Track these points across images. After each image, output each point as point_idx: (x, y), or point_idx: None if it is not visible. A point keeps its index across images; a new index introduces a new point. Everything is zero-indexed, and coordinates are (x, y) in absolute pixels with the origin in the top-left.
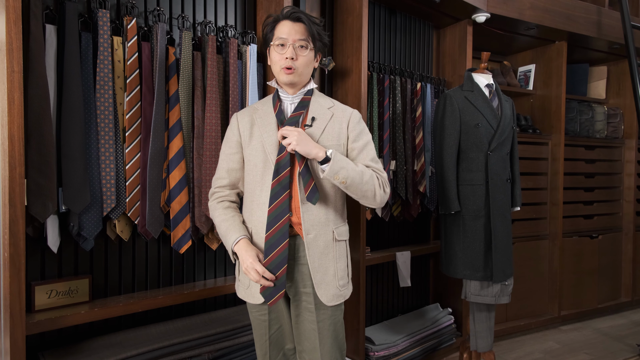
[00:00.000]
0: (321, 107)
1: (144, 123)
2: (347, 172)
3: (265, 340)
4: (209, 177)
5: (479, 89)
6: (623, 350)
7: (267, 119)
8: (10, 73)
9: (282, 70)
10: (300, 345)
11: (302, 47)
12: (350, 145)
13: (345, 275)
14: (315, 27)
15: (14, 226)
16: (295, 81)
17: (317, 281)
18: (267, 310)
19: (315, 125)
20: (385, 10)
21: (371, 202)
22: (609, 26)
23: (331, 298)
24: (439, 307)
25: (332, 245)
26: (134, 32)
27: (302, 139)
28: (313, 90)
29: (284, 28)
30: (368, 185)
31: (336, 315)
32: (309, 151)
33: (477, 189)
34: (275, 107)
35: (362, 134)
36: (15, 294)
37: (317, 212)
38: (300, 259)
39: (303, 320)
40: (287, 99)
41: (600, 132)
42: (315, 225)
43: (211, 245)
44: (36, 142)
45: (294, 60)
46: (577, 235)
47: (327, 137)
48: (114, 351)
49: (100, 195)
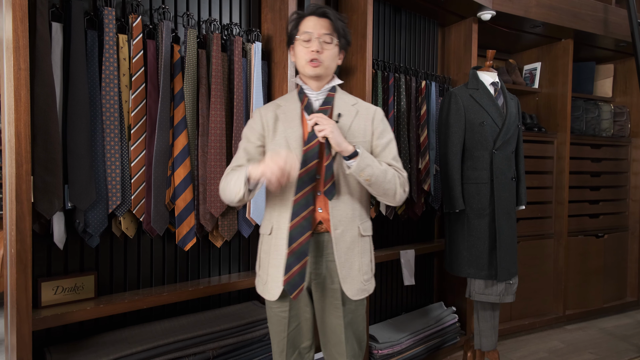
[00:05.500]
0: (345, 104)
1: (149, 120)
2: (373, 170)
3: (283, 338)
4: (214, 174)
5: (484, 87)
6: (628, 350)
7: (292, 114)
8: (17, 71)
9: (308, 63)
10: (325, 337)
11: (327, 42)
12: (375, 142)
13: (369, 270)
14: (340, 23)
15: (21, 223)
16: (320, 73)
17: (343, 276)
18: (287, 307)
19: (342, 121)
20: (390, 8)
21: (390, 201)
22: (616, 24)
23: (356, 292)
24: (443, 306)
25: (357, 241)
26: (139, 30)
27: (335, 127)
28: (336, 87)
29: (310, 22)
30: (390, 184)
31: (360, 310)
32: (340, 142)
33: (481, 187)
34: (303, 102)
35: (385, 131)
36: (21, 290)
37: (345, 207)
38: (328, 255)
39: (329, 315)
40: (312, 95)
41: (606, 130)
42: (342, 220)
43: (216, 242)
44: (42, 139)
45: (320, 53)
46: (583, 235)
47: (354, 133)
48: (119, 347)
49: (105, 193)
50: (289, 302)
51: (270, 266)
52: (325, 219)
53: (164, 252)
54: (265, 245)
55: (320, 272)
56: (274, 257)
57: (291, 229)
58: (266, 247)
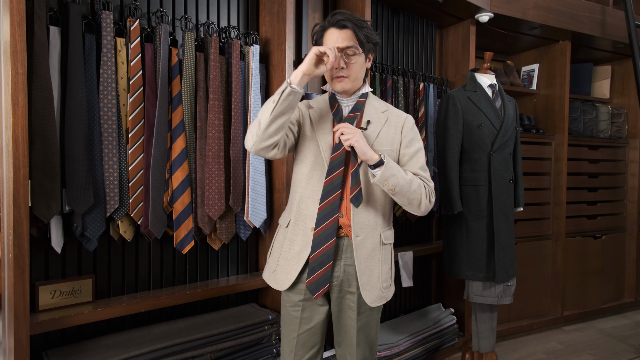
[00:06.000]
0: (376, 111)
1: (147, 124)
2: (397, 180)
3: (293, 338)
4: (212, 177)
5: (481, 89)
6: (626, 351)
7: (323, 117)
8: (15, 75)
9: (334, 79)
10: (340, 337)
11: (351, 54)
12: (402, 151)
13: (389, 278)
14: (363, 30)
15: (18, 227)
16: (347, 89)
17: (362, 282)
18: (300, 308)
19: (370, 128)
20: (388, 10)
21: (415, 210)
22: (613, 25)
23: (374, 299)
24: (441, 307)
25: (378, 249)
26: (137, 33)
27: (361, 136)
28: (368, 93)
29: (332, 36)
30: (415, 195)
31: (375, 315)
32: (366, 151)
33: (479, 189)
34: (333, 108)
35: (414, 140)
36: (19, 294)
37: (367, 215)
38: (347, 259)
39: (345, 317)
40: (343, 102)
41: (604, 131)
42: (364, 227)
43: (214, 245)
44: (40, 143)
45: (345, 69)
46: (581, 236)
47: (382, 141)
48: (117, 351)
49: (103, 196)
50: (302, 303)
51: (282, 258)
52: (346, 224)
53: (162, 255)
54: (280, 236)
55: (339, 275)
56: (287, 249)
57: (315, 236)
58: (281, 237)
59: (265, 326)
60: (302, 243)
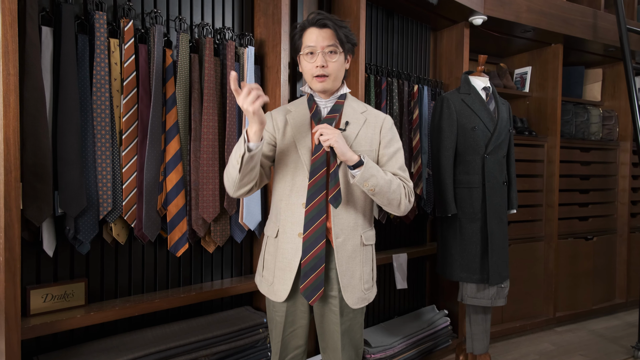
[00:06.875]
0: (354, 112)
1: (141, 126)
2: (377, 180)
3: (278, 341)
4: (206, 179)
5: (475, 92)
6: (618, 352)
7: (301, 120)
8: (6, 76)
9: (315, 78)
10: (324, 342)
11: (331, 52)
12: (382, 152)
13: (370, 279)
14: (343, 30)
15: (10, 230)
16: (328, 88)
17: (343, 284)
18: (284, 313)
19: (349, 129)
20: (382, 12)
21: (395, 210)
22: (605, 29)
23: (356, 301)
24: (435, 309)
25: (359, 250)
26: (130, 34)
27: (340, 137)
28: (346, 94)
29: (312, 35)
30: (395, 195)
31: (358, 318)
32: (345, 152)
33: (473, 191)
34: (312, 109)
35: (393, 140)
36: (10, 298)
37: (347, 216)
38: (329, 263)
39: (328, 321)
40: (321, 103)
41: (595, 134)
42: (344, 229)
43: (208, 248)
44: (32, 145)
45: (325, 67)
46: (573, 237)
47: (360, 141)
48: (109, 355)
49: (96, 199)
50: (286, 308)
51: (277, 269)
52: (327, 227)
53: (155, 258)
54: (270, 247)
55: None
56: (280, 259)
57: (305, 240)
58: (272, 249)
59: (260, 329)
60: (292, 250)
